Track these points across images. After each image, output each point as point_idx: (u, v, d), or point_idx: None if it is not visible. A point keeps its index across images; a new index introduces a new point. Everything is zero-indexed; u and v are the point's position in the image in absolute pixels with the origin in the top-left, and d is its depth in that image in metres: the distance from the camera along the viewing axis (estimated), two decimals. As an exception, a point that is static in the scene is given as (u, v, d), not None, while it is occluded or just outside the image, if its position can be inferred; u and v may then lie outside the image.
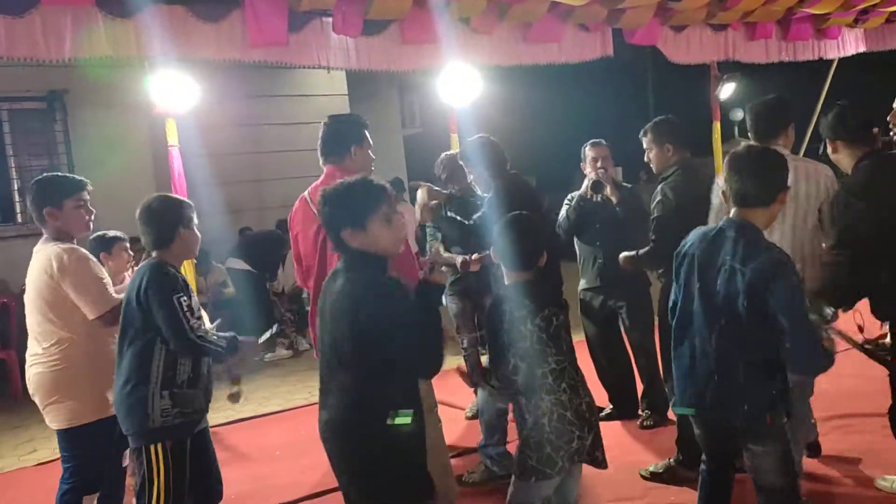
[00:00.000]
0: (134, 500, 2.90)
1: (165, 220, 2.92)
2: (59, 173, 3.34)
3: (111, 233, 3.83)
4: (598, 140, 4.66)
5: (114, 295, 3.17)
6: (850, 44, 7.58)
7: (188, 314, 2.78)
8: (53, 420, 3.21)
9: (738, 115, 11.98)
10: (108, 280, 3.23)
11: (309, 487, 4.12)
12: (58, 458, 4.92)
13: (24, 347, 6.92)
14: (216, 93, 6.34)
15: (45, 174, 3.34)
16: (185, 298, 2.80)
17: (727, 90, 7.43)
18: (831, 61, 8.25)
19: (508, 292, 2.71)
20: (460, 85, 5.82)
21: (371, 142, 3.40)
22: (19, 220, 7.80)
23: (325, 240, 3.17)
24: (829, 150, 3.26)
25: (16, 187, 7.79)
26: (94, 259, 3.27)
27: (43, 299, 3.16)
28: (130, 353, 2.84)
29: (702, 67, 7.03)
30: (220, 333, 3.00)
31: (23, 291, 7.30)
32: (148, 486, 2.78)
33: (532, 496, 2.70)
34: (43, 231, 3.24)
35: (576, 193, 4.57)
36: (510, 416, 3.14)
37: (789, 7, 6.16)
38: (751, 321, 2.48)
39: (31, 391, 3.27)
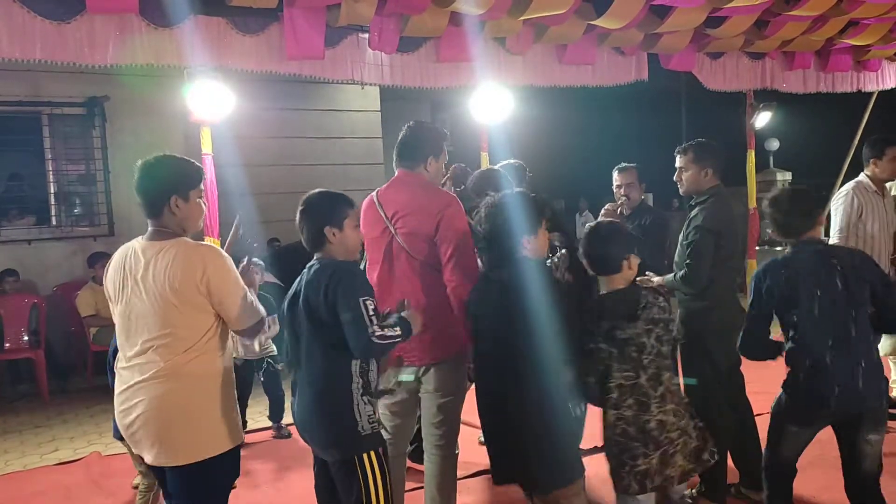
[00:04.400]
0: None
1: (312, 220, 2.71)
2: (179, 156, 2.76)
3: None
4: (624, 165, 4.65)
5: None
6: (891, 77, 7.47)
7: (373, 317, 2.54)
8: (176, 452, 2.57)
9: (774, 145, 11.79)
10: None
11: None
12: (79, 459, 5.00)
13: (54, 348, 7.07)
14: (251, 105, 6.43)
15: (162, 154, 2.72)
16: (371, 301, 2.56)
17: (763, 119, 7.34)
18: (871, 94, 8.15)
19: (589, 302, 2.83)
20: (492, 104, 5.83)
21: (447, 155, 3.42)
22: (53, 223, 7.93)
23: (392, 241, 3.21)
24: None
25: (52, 191, 7.92)
26: None
27: (173, 304, 2.54)
28: (325, 360, 2.62)
29: (737, 95, 6.97)
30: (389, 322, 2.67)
31: (55, 293, 7.48)
32: (367, 499, 2.56)
33: None
34: (151, 225, 2.68)
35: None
36: None
37: (829, 38, 6.10)
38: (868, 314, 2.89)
39: (136, 424, 2.57)
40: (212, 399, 2.61)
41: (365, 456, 2.58)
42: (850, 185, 4.96)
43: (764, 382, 4.05)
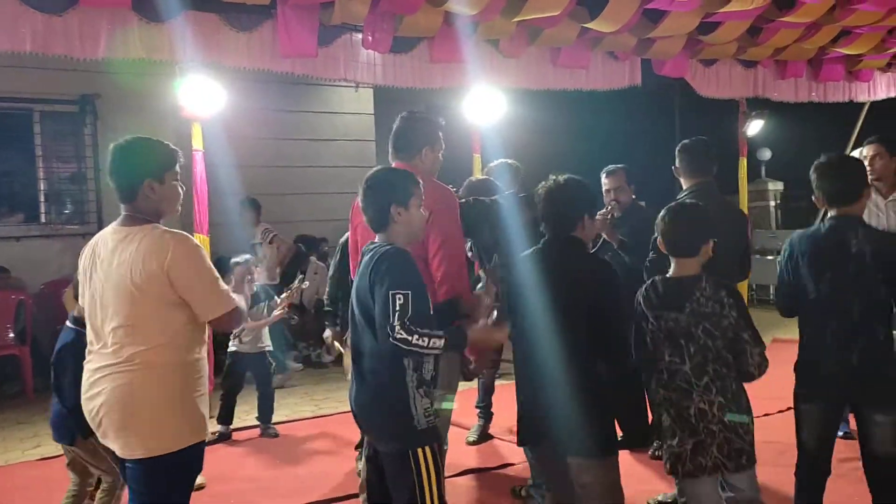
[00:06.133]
0: None
1: (377, 197, 2.59)
2: (153, 138, 2.62)
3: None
4: (612, 167, 4.48)
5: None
6: (882, 88, 7.53)
7: (399, 312, 2.37)
8: (135, 444, 2.46)
9: (766, 154, 11.83)
10: None
11: (307, 496, 4.08)
12: (61, 455, 4.93)
13: (40, 345, 7.02)
14: (244, 105, 6.41)
15: (133, 137, 2.59)
16: (403, 296, 2.39)
17: (755, 127, 7.37)
18: (862, 104, 8.19)
19: (644, 288, 2.87)
20: (485, 106, 5.84)
21: (444, 145, 3.39)
22: (43, 220, 7.88)
23: None
24: None
25: (42, 188, 7.87)
26: None
27: (135, 294, 2.43)
28: (377, 350, 2.50)
29: (730, 102, 7.01)
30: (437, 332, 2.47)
31: (42, 291, 7.42)
32: (421, 495, 2.49)
33: (685, 494, 2.80)
34: (124, 210, 2.55)
35: None
36: None
37: (821, 46, 6.14)
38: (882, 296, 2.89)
39: (100, 412, 2.48)
40: (176, 392, 2.47)
41: (420, 451, 2.52)
42: None
43: (771, 387, 4.04)
